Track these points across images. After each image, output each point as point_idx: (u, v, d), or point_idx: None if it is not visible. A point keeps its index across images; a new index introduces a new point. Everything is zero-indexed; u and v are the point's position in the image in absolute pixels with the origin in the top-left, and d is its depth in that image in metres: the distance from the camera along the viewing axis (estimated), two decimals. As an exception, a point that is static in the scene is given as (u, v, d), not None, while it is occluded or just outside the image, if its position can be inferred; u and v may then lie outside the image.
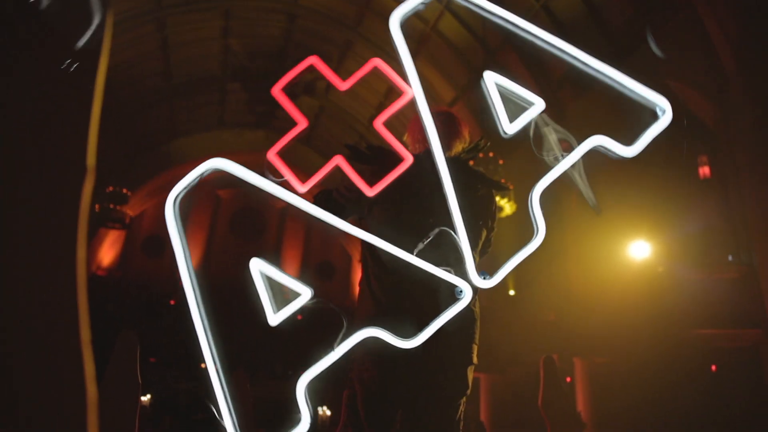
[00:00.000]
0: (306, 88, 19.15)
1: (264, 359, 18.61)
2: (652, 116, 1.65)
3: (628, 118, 1.77)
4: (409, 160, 1.67)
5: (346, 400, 2.16)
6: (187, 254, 1.67)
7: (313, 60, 1.81)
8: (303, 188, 1.68)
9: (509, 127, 1.62)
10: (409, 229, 1.85)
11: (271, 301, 1.70)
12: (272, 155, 1.71)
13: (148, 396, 16.97)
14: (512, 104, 1.66)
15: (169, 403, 16.91)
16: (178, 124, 20.70)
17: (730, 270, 9.18)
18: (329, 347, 1.70)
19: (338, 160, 1.70)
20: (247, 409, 5.84)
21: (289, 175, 1.68)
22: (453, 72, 15.26)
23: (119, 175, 19.60)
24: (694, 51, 9.41)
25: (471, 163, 2.17)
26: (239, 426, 1.58)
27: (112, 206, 18.84)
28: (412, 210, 1.90)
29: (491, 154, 12.18)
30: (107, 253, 22.34)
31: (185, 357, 18.28)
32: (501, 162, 12.09)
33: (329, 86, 19.50)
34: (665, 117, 1.59)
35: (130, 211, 20.07)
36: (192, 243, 23.50)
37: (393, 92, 17.57)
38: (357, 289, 2.23)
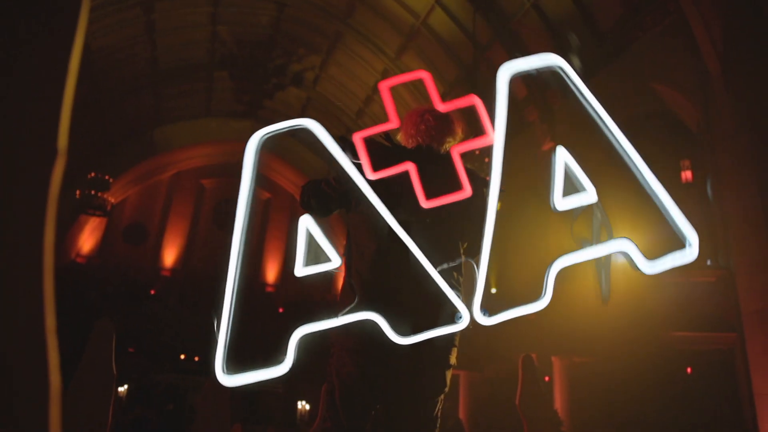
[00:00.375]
0: (294, 80, 19.04)
1: (242, 351, 18.49)
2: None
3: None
4: (467, 191, 1.77)
5: (324, 394, 2.16)
6: (250, 199, 1.77)
7: (423, 74, 1.89)
8: (372, 176, 1.76)
9: (560, 203, 1.71)
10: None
11: (304, 255, 1.81)
12: (358, 139, 1.80)
13: (126, 386, 16.81)
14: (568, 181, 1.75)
15: (145, 393, 16.77)
16: (163, 111, 20.45)
17: (708, 273, 9.31)
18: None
19: (409, 166, 1.79)
20: (224, 402, 5.82)
21: (364, 161, 1.77)
22: (442, 67, 15.26)
23: (101, 161, 19.32)
24: (680, 55, 9.51)
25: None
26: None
27: (93, 192, 18.55)
28: (400, 208, 1.88)
29: (477, 152, 12.21)
30: (87, 240, 22.04)
31: (164, 347, 18.14)
32: (486, 160, 12.11)
33: (317, 78, 19.43)
34: (691, 251, 1.67)
35: (111, 198, 19.81)
36: (174, 232, 23.28)
37: (381, 86, 17.50)
38: (340, 281, 2.22)
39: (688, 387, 9.33)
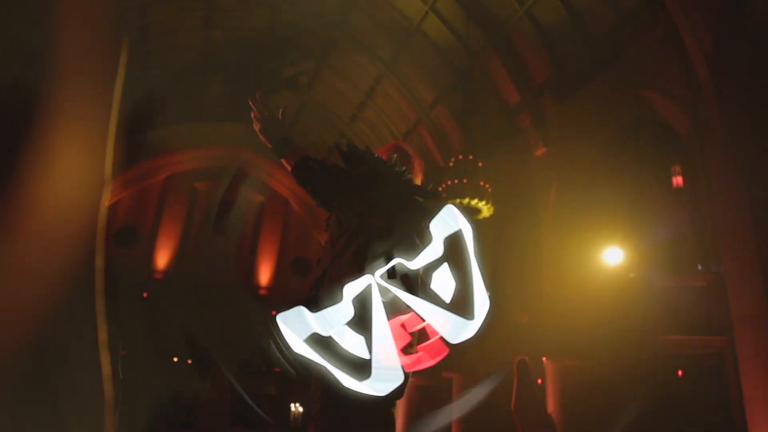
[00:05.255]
0: (288, 84, 19.04)
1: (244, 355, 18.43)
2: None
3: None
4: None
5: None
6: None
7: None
8: None
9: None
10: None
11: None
12: None
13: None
14: None
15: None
16: (156, 114, 20.40)
17: (699, 278, 9.40)
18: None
19: None
20: (225, 405, 5.82)
21: None
22: (435, 72, 15.32)
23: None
24: (671, 63, 9.62)
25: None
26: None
27: (85, 195, 18.49)
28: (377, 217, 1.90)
29: (471, 157, 12.26)
30: (79, 243, 21.92)
31: (157, 351, 18.05)
32: (480, 164, 12.18)
33: (311, 82, 19.46)
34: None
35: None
36: (166, 235, 23.18)
37: (375, 92, 17.59)
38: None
39: (679, 390, 9.39)
